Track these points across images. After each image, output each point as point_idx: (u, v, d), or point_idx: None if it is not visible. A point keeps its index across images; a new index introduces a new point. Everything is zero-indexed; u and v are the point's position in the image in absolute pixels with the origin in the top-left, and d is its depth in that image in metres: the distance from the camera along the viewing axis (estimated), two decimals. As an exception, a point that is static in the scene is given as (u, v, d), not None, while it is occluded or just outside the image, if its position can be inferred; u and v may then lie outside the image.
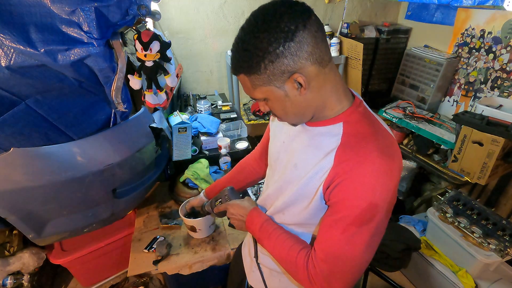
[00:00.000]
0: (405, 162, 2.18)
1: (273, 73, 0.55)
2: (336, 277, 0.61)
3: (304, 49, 0.53)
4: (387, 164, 0.57)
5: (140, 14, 0.94)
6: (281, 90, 0.58)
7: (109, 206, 1.20)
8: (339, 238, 0.59)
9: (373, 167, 0.56)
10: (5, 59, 0.77)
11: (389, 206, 0.59)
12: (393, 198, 0.60)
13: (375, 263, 1.57)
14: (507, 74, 1.76)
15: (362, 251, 0.59)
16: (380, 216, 0.58)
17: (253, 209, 0.81)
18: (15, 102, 0.86)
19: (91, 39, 0.84)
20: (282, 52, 0.53)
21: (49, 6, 0.78)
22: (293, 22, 0.52)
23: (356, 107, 0.64)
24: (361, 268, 0.62)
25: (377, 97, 2.43)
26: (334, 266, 0.61)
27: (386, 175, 0.57)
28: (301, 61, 0.54)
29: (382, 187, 0.57)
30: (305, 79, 0.55)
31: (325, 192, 0.62)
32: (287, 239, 0.70)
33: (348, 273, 0.61)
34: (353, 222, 0.58)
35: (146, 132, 1.25)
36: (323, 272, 0.61)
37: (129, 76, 1.07)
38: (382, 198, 0.57)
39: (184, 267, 1.21)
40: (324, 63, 0.57)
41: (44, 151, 0.95)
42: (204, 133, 1.78)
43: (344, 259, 0.60)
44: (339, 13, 2.19)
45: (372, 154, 0.57)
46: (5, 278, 1.42)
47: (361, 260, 0.61)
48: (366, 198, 0.57)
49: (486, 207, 1.57)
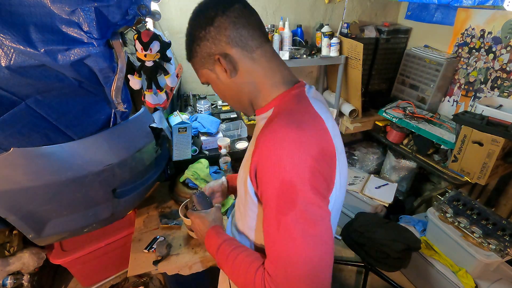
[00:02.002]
0: (405, 162, 2.19)
1: (202, 56, 0.63)
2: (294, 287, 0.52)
3: (223, 33, 0.59)
4: (295, 133, 0.52)
5: (140, 14, 0.94)
6: (213, 73, 0.64)
7: (109, 206, 1.20)
8: (277, 238, 0.53)
9: (276, 137, 0.52)
10: (5, 59, 0.77)
11: (315, 185, 0.51)
12: (317, 177, 0.52)
13: (375, 263, 1.57)
14: (507, 74, 1.76)
15: (304, 244, 0.50)
16: (305, 196, 0.51)
17: (211, 229, 0.74)
18: (15, 102, 0.86)
19: (91, 39, 0.84)
20: (204, 36, 0.60)
21: (49, 6, 0.78)
22: (213, 9, 0.59)
23: (290, 91, 0.62)
24: (316, 268, 0.51)
25: (377, 97, 2.43)
26: (286, 274, 0.52)
27: (295, 145, 0.51)
28: (222, 44, 0.60)
29: (292, 159, 0.50)
30: (227, 61, 0.60)
31: (253, 182, 0.59)
32: (245, 260, 0.61)
33: (304, 277, 0.51)
34: (278, 210, 0.52)
35: (146, 132, 1.25)
36: (279, 286, 0.52)
37: (129, 76, 1.07)
38: (297, 173, 0.50)
39: (184, 267, 1.21)
40: (249, 48, 0.61)
41: (44, 151, 0.94)
42: (204, 133, 1.78)
43: (292, 262, 0.51)
44: (339, 13, 2.19)
45: (278, 125, 0.54)
46: (5, 278, 1.42)
47: (311, 256, 0.51)
48: (277, 175, 0.51)
49: (486, 207, 1.57)
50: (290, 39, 1.89)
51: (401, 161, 2.19)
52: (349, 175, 2.25)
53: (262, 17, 1.98)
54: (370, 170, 2.46)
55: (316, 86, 2.47)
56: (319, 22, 2.15)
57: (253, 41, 0.61)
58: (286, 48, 1.88)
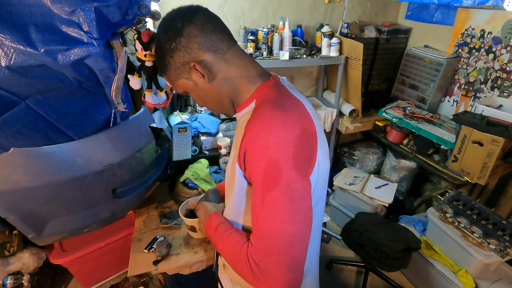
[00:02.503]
0: (405, 162, 2.19)
1: (177, 67, 0.65)
2: (270, 259, 0.56)
3: (193, 40, 0.62)
4: (280, 116, 0.57)
5: (140, 14, 0.94)
6: (190, 81, 0.67)
7: (109, 206, 1.20)
8: (260, 212, 0.57)
9: (263, 120, 0.57)
10: (5, 59, 0.77)
11: (297, 165, 0.56)
12: (300, 157, 0.56)
13: (375, 263, 1.57)
14: (507, 74, 1.76)
15: (284, 220, 0.55)
16: (288, 175, 0.55)
17: (214, 213, 0.79)
18: (15, 102, 0.86)
19: (91, 39, 0.84)
20: (176, 47, 0.63)
21: (49, 6, 0.78)
22: (180, 20, 0.62)
23: (267, 82, 0.66)
24: (291, 241, 0.55)
25: (377, 97, 2.43)
26: (265, 245, 0.56)
27: (280, 128, 0.55)
28: (194, 51, 0.62)
29: (277, 140, 0.55)
30: (202, 66, 0.63)
31: (241, 166, 0.62)
32: (235, 237, 0.67)
33: (280, 248, 0.55)
34: (263, 187, 0.56)
35: (146, 132, 1.25)
36: (258, 258, 0.57)
37: (129, 76, 1.07)
38: (280, 153, 0.54)
39: (184, 267, 1.21)
40: (221, 51, 0.64)
41: (44, 151, 0.94)
42: (204, 133, 1.78)
43: (270, 233, 0.55)
44: (339, 13, 2.19)
45: (263, 110, 0.59)
46: (5, 278, 1.42)
47: (288, 232, 0.55)
48: (263, 154, 0.55)
49: (486, 207, 1.57)
50: (290, 39, 1.89)
51: (401, 161, 2.19)
52: (349, 175, 2.25)
53: (262, 17, 1.99)
54: (370, 170, 2.46)
55: (316, 86, 2.47)
56: (319, 22, 2.15)
57: (223, 43, 0.64)
58: (286, 48, 1.88)
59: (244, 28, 1.89)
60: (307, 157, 0.58)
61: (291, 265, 0.56)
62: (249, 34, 1.83)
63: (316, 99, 2.40)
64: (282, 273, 0.55)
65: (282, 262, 0.55)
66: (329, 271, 1.96)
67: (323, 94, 2.42)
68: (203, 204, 0.87)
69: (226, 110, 0.72)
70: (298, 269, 0.57)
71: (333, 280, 1.92)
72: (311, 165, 0.59)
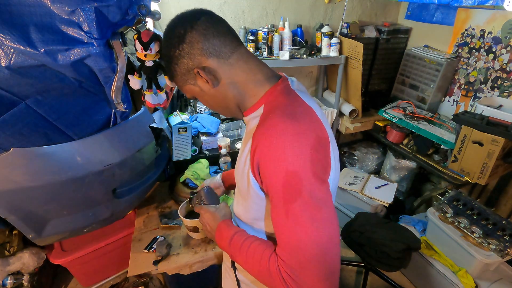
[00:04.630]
0: (405, 162, 2.19)
1: (182, 73, 0.66)
2: (306, 271, 0.55)
3: (195, 46, 0.61)
4: (292, 126, 0.55)
5: (140, 14, 0.94)
6: (196, 87, 0.67)
7: (109, 206, 1.20)
8: (286, 225, 0.56)
9: (275, 131, 0.56)
10: (5, 59, 0.77)
11: (316, 172, 0.55)
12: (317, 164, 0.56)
13: (375, 263, 1.57)
14: (507, 74, 1.76)
15: (314, 229, 0.54)
16: (309, 184, 0.54)
17: (222, 222, 0.76)
18: (15, 102, 0.86)
19: (91, 39, 0.84)
20: (179, 54, 0.63)
21: (49, 6, 0.78)
22: (182, 27, 0.62)
23: (276, 87, 0.65)
24: (325, 249, 0.55)
25: (377, 97, 2.43)
26: (299, 258, 0.55)
27: (294, 138, 0.54)
28: (197, 58, 0.62)
29: (293, 151, 0.54)
30: (206, 72, 0.63)
31: (257, 178, 0.61)
32: (258, 248, 0.64)
33: (316, 258, 0.54)
34: (286, 199, 0.55)
35: (146, 132, 1.25)
36: (293, 272, 0.56)
37: (129, 76, 1.07)
38: (299, 164, 0.54)
39: (184, 267, 1.21)
40: (224, 55, 0.63)
41: (44, 151, 0.94)
42: (204, 133, 1.78)
43: (303, 245, 0.54)
44: (339, 13, 2.19)
45: (273, 120, 0.57)
46: (5, 278, 1.42)
47: (321, 241, 0.54)
48: (280, 167, 0.55)
49: (486, 207, 1.57)
50: (290, 39, 1.89)
51: (401, 161, 2.19)
52: (349, 175, 2.25)
53: (262, 17, 1.99)
54: (370, 170, 2.46)
55: (316, 86, 2.47)
56: (319, 22, 2.15)
57: (226, 47, 0.63)
58: (286, 48, 1.88)
59: (244, 28, 1.89)
60: (323, 164, 0.58)
61: (328, 273, 0.55)
62: (249, 34, 1.83)
63: (316, 99, 2.41)
64: (321, 283, 0.54)
65: (319, 272, 0.54)
66: (329, 271, 1.96)
67: (323, 94, 2.42)
68: (206, 210, 0.83)
69: (233, 114, 0.72)
70: (334, 275, 0.56)
71: (333, 280, 1.92)
72: (328, 171, 0.59)
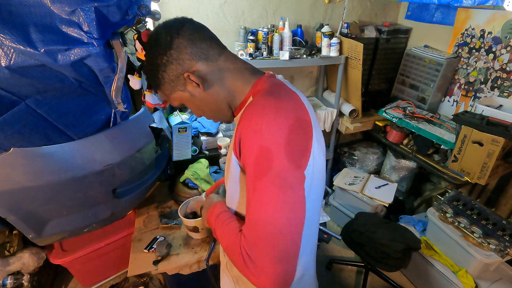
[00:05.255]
0: (405, 162, 2.19)
1: (171, 80, 0.66)
2: (259, 248, 0.55)
3: (184, 51, 0.62)
4: (274, 103, 0.57)
5: (140, 14, 0.94)
6: (186, 93, 0.67)
7: (109, 206, 1.20)
8: (252, 200, 0.56)
9: (257, 108, 0.58)
10: (5, 59, 0.77)
11: (290, 154, 0.54)
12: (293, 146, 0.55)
13: (375, 263, 1.57)
14: (507, 74, 1.76)
15: (273, 208, 0.54)
16: (279, 163, 0.54)
17: (219, 202, 0.79)
18: (15, 102, 0.86)
19: (91, 39, 0.84)
20: (167, 60, 0.63)
21: (49, 6, 0.78)
22: (167, 34, 0.62)
23: (261, 78, 0.67)
24: (281, 231, 0.54)
25: (377, 97, 2.43)
26: (255, 234, 0.55)
27: (273, 114, 0.55)
28: (186, 62, 0.63)
29: (269, 128, 0.54)
30: (196, 76, 0.63)
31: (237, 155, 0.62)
32: (235, 224, 0.66)
33: (270, 237, 0.54)
34: (255, 175, 0.55)
35: (146, 132, 1.25)
36: (249, 248, 0.56)
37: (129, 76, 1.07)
38: (273, 141, 0.54)
39: (184, 267, 1.21)
40: (212, 58, 0.65)
41: (44, 151, 0.94)
42: (204, 133, 1.78)
43: (260, 222, 0.54)
44: (339, 13, 2.19)
45: (258, 99, 0.60)
46: (5, 278, 1.42)
47: (278, 222, 0.54)
48: (255, 141, 0.55)
49: (486, 207, 1.57)
50: (290, 39, 1.89)
51: (401, 161, 2.19)
52: (349, 175, 2.25)
53: (262, 17, 1.99)
54: (370, 170, 2.46)
55: (316, 86, 2.47)
56: (319, 22, 2.15)
57: (214, 50, 0.65)
58: (286, 48, 1.88)
59: (244, 28, 1.89)
60: (301, 147, 0.57)
61: (281, 256, 0.54)
62: (249, 34, 1.83)
63: (316, 99, 2.40)
64: (271, 264, 0.54)
65: (271, 252, 0.54)
66: (329, 271, 1.96)
67: (323, 94, 2.42)
68: (210, 196, 0.87)
69: (225, 116, 0.72)
70: (289, 262, 0.55)
71: (333, 280, 1.92)
72: (306, 156, 0.58)
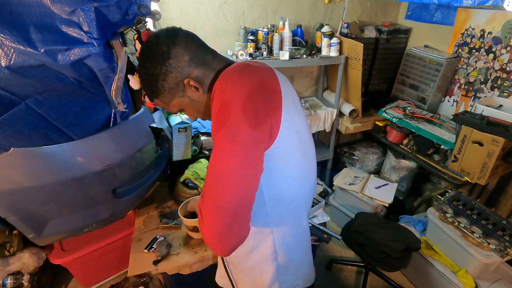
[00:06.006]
0: (405, 162, 2.18)
1: (171, 88, 0.68)
2: (205, 197, 0.58)
3: (181, 59, 0.65)
4: (243, 67, 0.61)
5: (140, 14, 0.94)
6: (186, 98, 0.70)
7: (109, 206, 1.20)
8: (212, 152, 0.59)
9: (228, 70, 0.62)
10: (5, 59, 0.77)
11: (247, 112, 0.56)
12: (252, 105, 0.57)
13: (375, 263, 1.57)
14: (507, 74, 1.76)
15: (219, 158, 0.56)
16: (235, 119, 0.55)
17: None
18: (15, 102, 0.86)
19: (91, 39, 0.84)
20: (167, 70, 0.65)
21: (49, 6, 0.78)
22: (164, 45, 0.64)
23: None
24: (221, 184, 0.56)
25: (377, 97, 2.43)
26: (206, 184, 0.58)
27: (239, 75, 0.59)
28: (185, 69, 0.66)
29: (232, 86, 0.58)
30: (196, 81, 0.67)
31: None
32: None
33: (210, 191, 0.57)
34: (214, 128, 0.58)
35: (146, 132, 1.25)
36: (202, 195, 0.60)
37: (129, 76, 1.07)
38: (233, 97, 0.57)
39: (184, 267, 1.21)
40: (208, 62, 0.68)
41: (44, 151, 0.95)
42: (204, 133, 1.78)
43: (209, 172, 0.58)
44: (339, 13, 2.19)
45: (229, 67, 0.64)
46: (5, 278, 1.42)
47: (221, 172, 0.56)
48: (219, 98, 0.58)
49: (486, 207, 1.57)
50: (290, 39, 1.89)
51: (401, 161, 2.19)
52: (349, 175, 2.25)
53: (262, 17, 1.99)
54: (370, 170, 2.46)
55: (316, 86, 2.47)
56: (319, 22, 2.15)
57: (207, 55, 0.69)
58: (286, 48, 1.88)
59: (244, 28, 1.89)
60: (261, 109, 0.58)
61: (218, 206, 0.56)
62: (249, 34, 1.83)
63: (316, 99, 2.40)
64: (210, 213, 0.57)
65: (211, 202, 0.57)
66: (329, 271, 1.96)
67: (323, 94, 2.42)
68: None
69: None
70: (226, 213, 0.56)
71: (333, 280, 1.92)
72: (266, 121, 0.59)
